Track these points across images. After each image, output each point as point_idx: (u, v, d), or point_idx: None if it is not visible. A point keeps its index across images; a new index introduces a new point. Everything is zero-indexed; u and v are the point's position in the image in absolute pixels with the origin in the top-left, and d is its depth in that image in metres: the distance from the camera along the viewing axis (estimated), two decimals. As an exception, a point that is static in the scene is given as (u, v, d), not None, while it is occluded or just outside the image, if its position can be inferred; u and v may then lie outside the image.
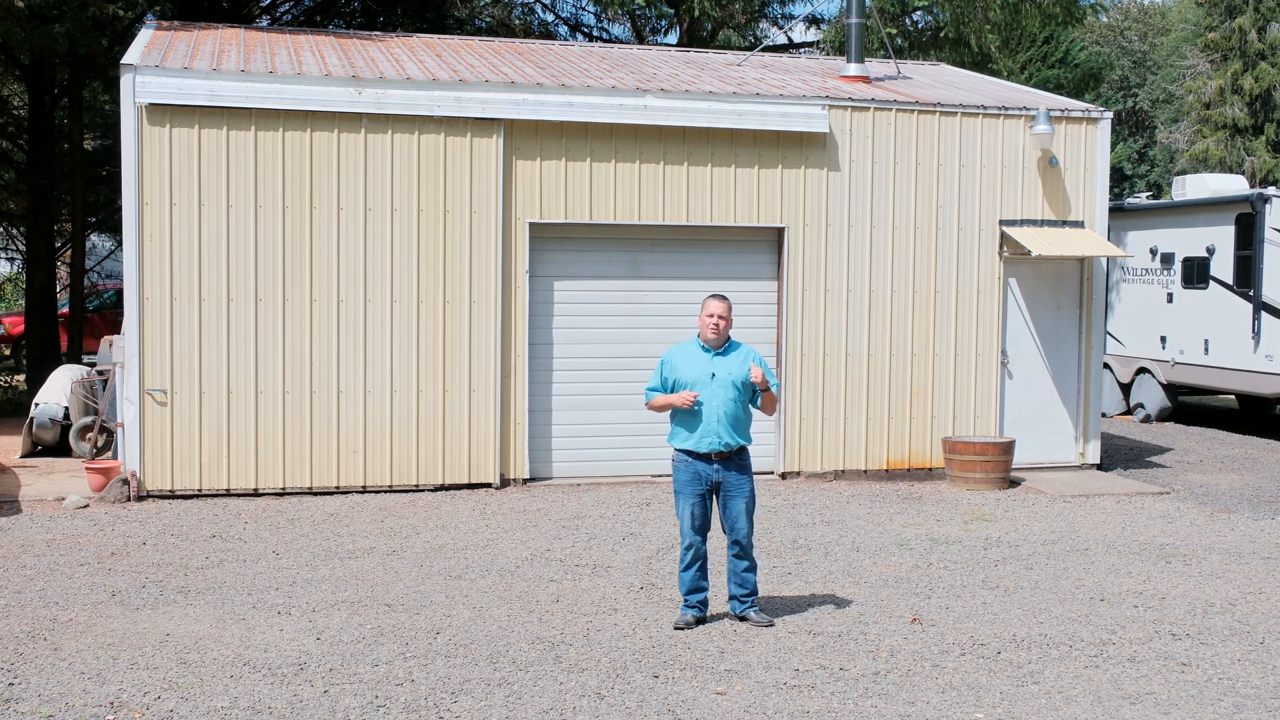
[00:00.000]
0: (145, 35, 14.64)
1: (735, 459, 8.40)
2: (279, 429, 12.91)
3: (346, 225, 13.07)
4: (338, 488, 13.07)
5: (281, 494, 12.92)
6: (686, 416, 8.33)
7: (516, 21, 29.26)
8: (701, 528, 8.37)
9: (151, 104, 12.53)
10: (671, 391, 8.39)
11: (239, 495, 12.82)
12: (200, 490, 12.76)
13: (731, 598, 8.54)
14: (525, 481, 13.65)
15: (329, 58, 14.28)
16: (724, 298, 8.54)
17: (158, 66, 12.69)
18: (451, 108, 13.21)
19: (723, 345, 8.45)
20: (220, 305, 12.77)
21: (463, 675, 7.31)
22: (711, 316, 8.39)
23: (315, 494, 12.98)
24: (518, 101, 13.38)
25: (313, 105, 12.88)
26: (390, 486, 13.20)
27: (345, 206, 13.05)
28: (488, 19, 28.44)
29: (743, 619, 8.46)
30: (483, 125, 13.37)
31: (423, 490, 13.27)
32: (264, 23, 25.05)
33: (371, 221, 13.13)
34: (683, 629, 8.29)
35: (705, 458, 8.33)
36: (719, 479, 8.36)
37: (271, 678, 7.21)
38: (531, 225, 13.58)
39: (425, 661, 7.56)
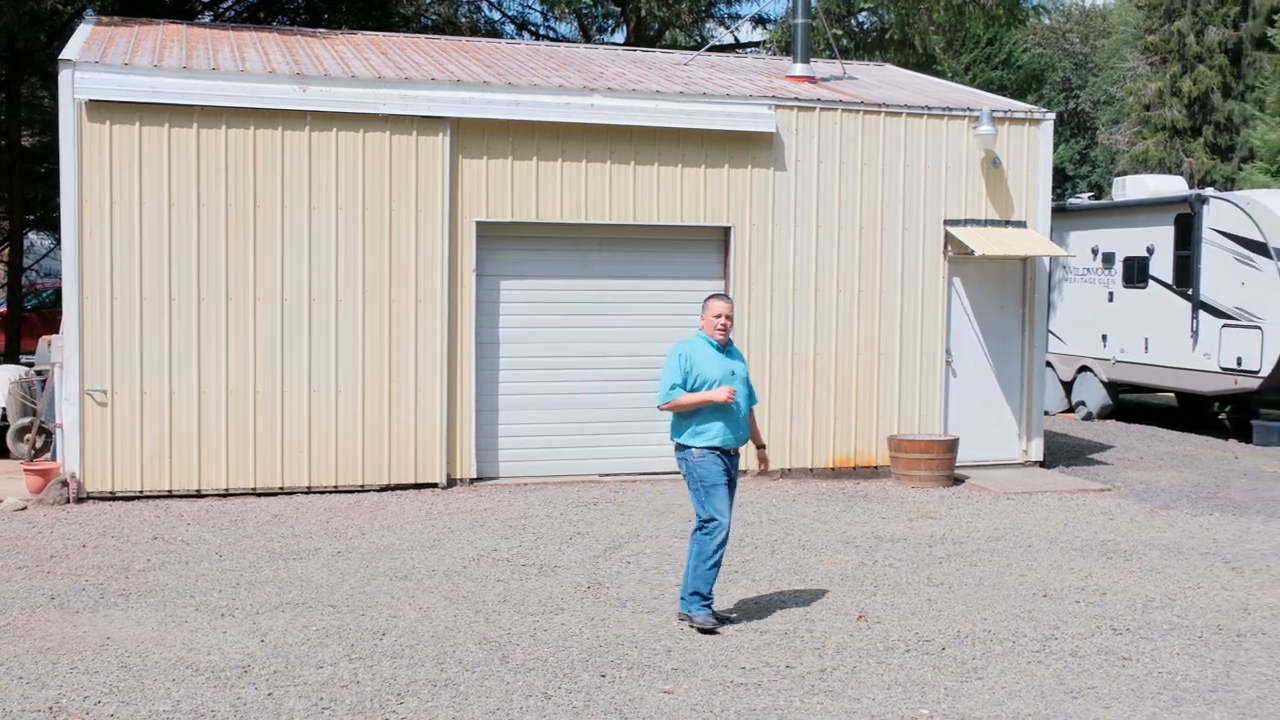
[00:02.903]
0: (85, 30, 14.44)
1: (738, 453, 8.54)
2: (222, 429, 12.78)
3: (291, 224, 12.96)
4: (282, 488, 12.96)
5: (225, 495, 12.80)
6: (714, 414, 8.28)
7: (463, 19, 29.16)
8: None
9: (91, 100, 12.36)
10: (694, 389, 8.29)
11: (181, 496, 12.69)
12: (142, 492, 12.61)
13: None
14: (472, 481, 13.60)
15: (273, 55, 14.16)
16: (728, 298, 8.67)
17: (98, 62, 12.53)
18: (397, 106, 13.14)
19: (727, 344, 8.51)
20: (162, 304, 12.62)
21: (409, 676, 7.27)
22: (719, 317, 8.42)
23: (259, 495, 12.86)
24: (464, 100, 13.33)
25: (256, 103, 12.76)
26: (335, 487, 13.11)
27: (289, 205, 12.94)
28: (434, 17, 28.32)
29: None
30: (429, 124, 13.30)
31: (368, 490, 13.19)
32: (207, 19, 24.80)
33: (316, 220, 13.03)
34: (715, 630, 8.23)
35: (727, 453, 8.38)
36: (732, 473, 8.44)
37: (214, 681, 7.14)
38: (478, 224, 13.53)
39: (371, 663, 7.51)
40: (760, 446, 8.77)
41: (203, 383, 12.72)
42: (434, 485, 13.40)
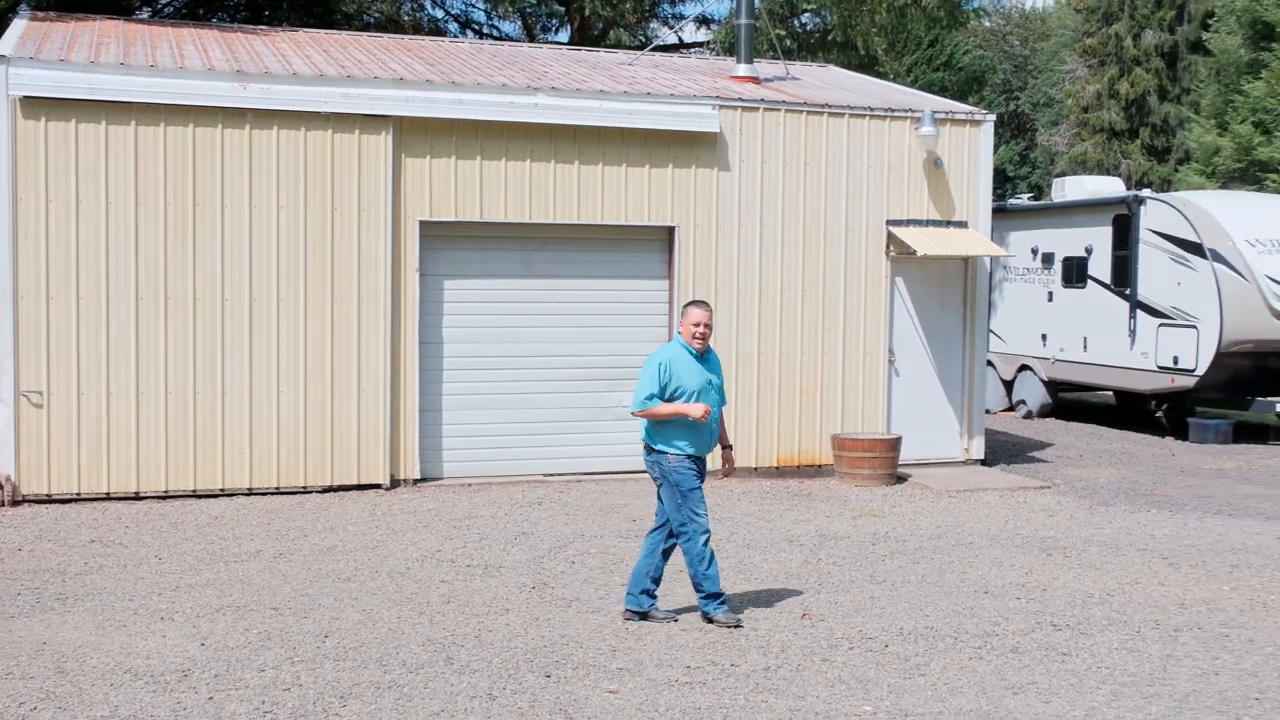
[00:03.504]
0: (19, 25, 14.22)
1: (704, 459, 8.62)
2: (161, 430, 12.63)
3: (231, 222, 12.82)
4: (223, 490, 12.83)
5: (164, 497, 12.65)
6: (690, 423, 8.34)
7: (406, 18, 29.01)
8: None
9: (26, 97, 12.17)
10: (671, 398, 8.32)
11: (120, 499, 12.52)
12: (79, 494, 12.43)
13: (644, 594, 8.62)
14: (416, 482, 13.52)
15: (212, 51, 14.01)
16: (706, 305, 8.60)
17: (32, 58, 12.34)
18: (339, 104, 13.04)
19: (705, 351, 8.54)
20: (99, 304, 12.45)
21: (352, 679, 7.22)
22: (697, 325, 8.42)
23: (199, 496, 12.73)
24: (407, 99, 13.25)
25: (195, 100, 12.62)
26: (277, 488, 12.99)
27: (230, 203, 12.81)
28: (376, 15, 28.15)
29: (646, 616, 8.62)
30: (371, 122, 13.22)
31: (311, 491, 13.08)
32: (144, 15, 24.49)
33: (257, 219, 12.91)
34: (739, 624, 8.36)
35: (700, 459, 8.49)
36: (702, 473, 8.54)
37: (154, 685, 7.05)
38: (422, 224, 13.45)
39: (313, 665, 7.44)
40: (726, 447, 8.79)
41: (141, 383, 12.57)
42: (378, 486, 13.32)
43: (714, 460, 8.97)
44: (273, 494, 12.94)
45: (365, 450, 13.26)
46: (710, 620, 8.41)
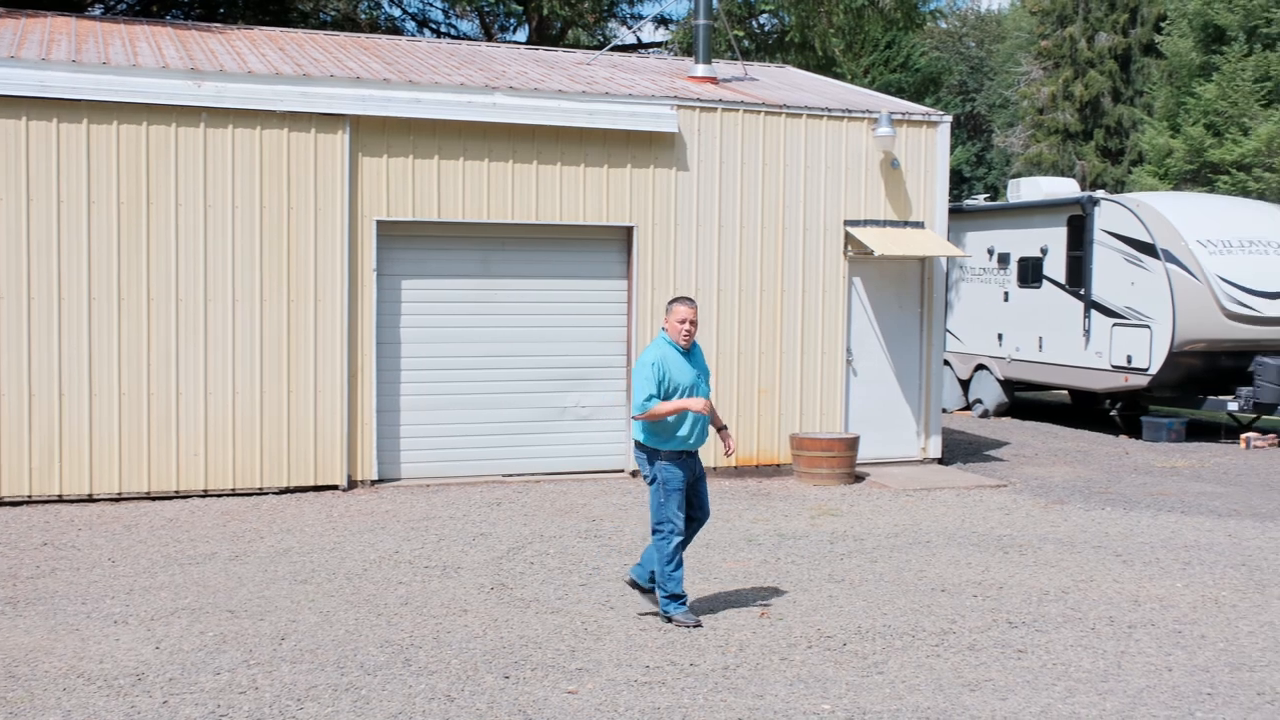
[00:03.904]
0: (-30, 23, 14.04)
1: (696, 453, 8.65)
2: (115, 432, 12.50)
3: (185, 222, 12.71)
4: (178, 492, 12.71)
5: (118, 499, 12.52)
6: (683, 419, 8.39)
7: (363, 16, 28.87)
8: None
9: (-24, 94, 12.02)
10: (667, 396, 8.34)
11: (72, 501, 12.39)
12: (30, 496, 12.29)
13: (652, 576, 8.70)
14: (373, 483, 13.46)
15: (166, 49, 13.89)
16: (692, 301, 8.62)
17: (-17, 56, 12.19)
18: (295, 102, 12.95)
19: (691, 347, 8.58)
20: (51, 304, 12.31)
21: (309, 681, 7.17)
22: (684, 322, 8.44)
23: (154, 499, 12.61)
24: (364, 98, 13.18)
25: (149, 98, 12.50)
26: (233, 490, 12.89)
27: (184, 203, 12.70)
28: (333, 13, 27.98)
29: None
30: (328, 121, 13.14)
31: (267, 493, 12.99)
32: (97, 12, 24.23)
33: (212, 218, 12.80)
34: (699, 624, 8.37)
35: (693, 454, 8.53)
36: (697, 470, 8.57)
37: (107, 689, 6.98)
38: (379, 223, 13.39)
39: (270, 668, 7.39)
40: (722, 428, 8.81)
41: (94, 384, 12.44)
42: (335, 487, 13.24)
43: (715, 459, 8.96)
44: (228, 495, 12.84)
45: (322, 451, 13.18)
46: (670, 620, 8.43)
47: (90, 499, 12.46)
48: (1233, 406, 18.22)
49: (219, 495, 12.83)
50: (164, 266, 12.64)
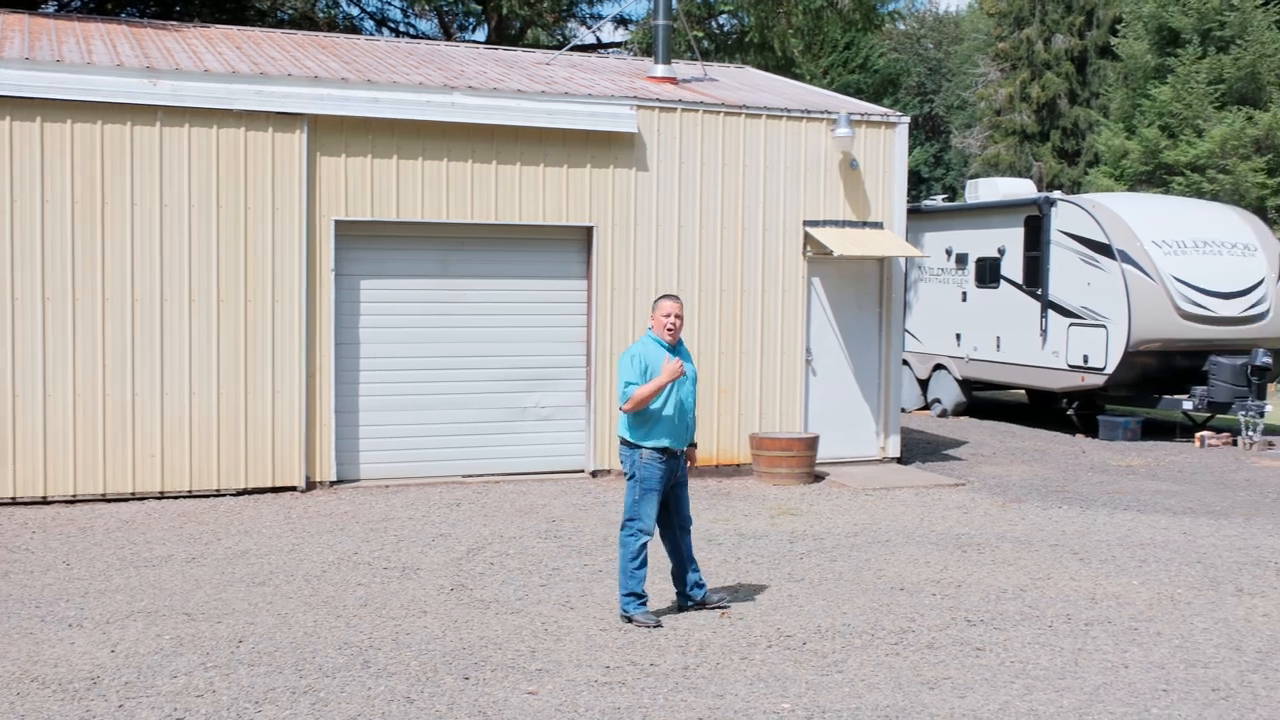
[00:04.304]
0: (-80, 20, 13.86)
1: (682, 453, 8.64)
2: (69, 433, 12.37)
3: (141, 222, 12.59)
4: (134, 494, 12.59)
5: (72, 501, 12.39)
6: (661, 414, 8.41)
7: (321, 15, 28.70)
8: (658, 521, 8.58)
9: (-73, 92, 11.87)
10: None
11: (26, 504, 12.24)
12: (-16, 499, 12.15)
13: (694, 585, 8.78)
14: (332, 484, 13.38)
15: (121, 47, 13.76)
16: (677, 298, 8.69)
17: (-66, 53, 12.03)
18: (252, 101, 12.85)
19: (676, 344, 8.61)
20: (4, 305, 12.16)
21: (267, 684, 7.12)
22: (668, 317, 8.51)
23: (110, 500, 12.49)
24: (321, 97, 13.10)
25: (104, 96, 12.38)
26: (190, 491, 12.78)
27: (140, 202, 12.58)
28: (290, 11, 27.80)
29: (705, 604, 8.79)
30: (285, 120, 13.05)
31: (224, 495, 12.89)
32: (51, 9, 23.98)
33: (168, 218, 12.69)
34: (659, 624, 8.38)
35: (674, 454, 8.52)
36: (678, 474, 8.59)
37: (62, 694, 6.90)
38: (337, 223, 13.31)
39: (227, 671, 7.33)
40: (690, 445, 8.85)
41: (49, 385, 12.30)
42: (293, 488, 13.16)
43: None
44: (185, 497, 12.74)
45: (280, 452, 13.10)
46: (629, 620, 8.42)
47: (44, 501, 12.32)
48: (1187, 405, 18.40)
49: (175, 497, 12.72)
50: (119, 266, 12.52)
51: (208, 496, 12.82)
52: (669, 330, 8.50)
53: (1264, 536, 11.74)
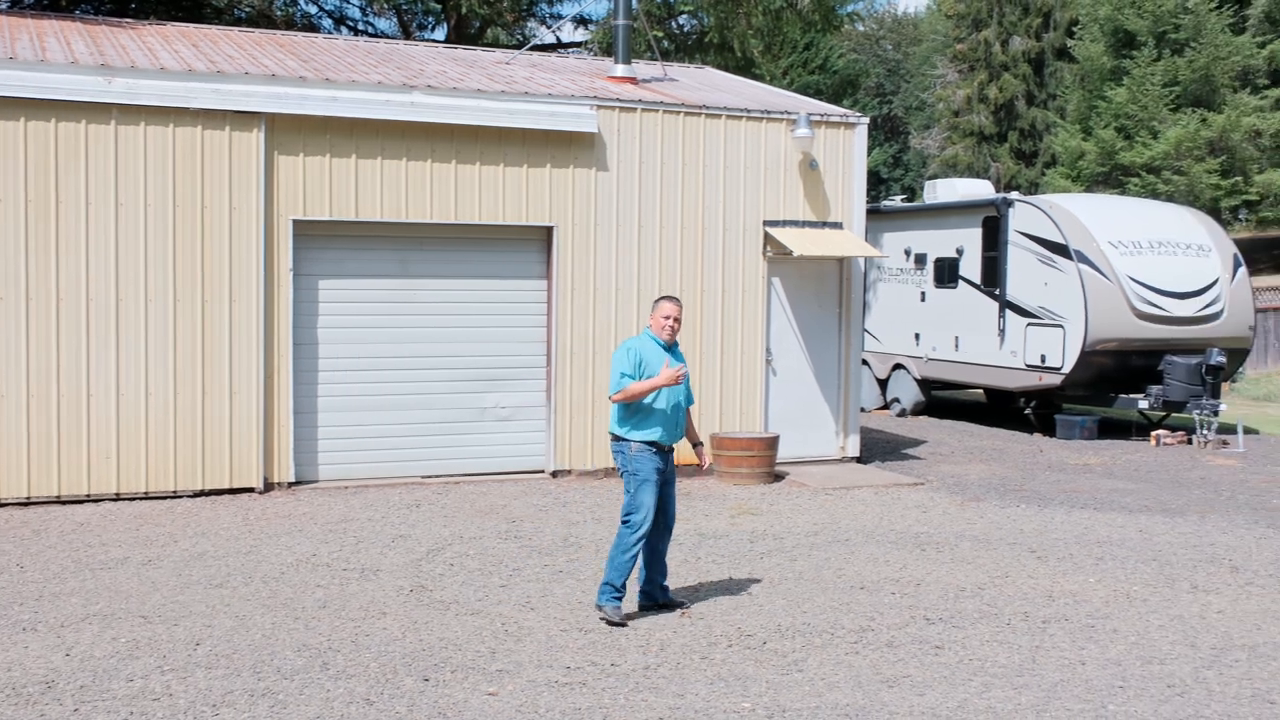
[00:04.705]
0: None
1: (673, 449, 8.77)
2: (23, 435, 12.23)
3: (96, 221, 12.47)
4: (89, 496, 12.47)
5: (26, 504, 12.25)
6: (653, 408, 8.52)
7: (278, 13, 28.51)
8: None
9: (-123, 89, 11.71)
10: (642, 380, 8.51)
11: (-21, 506, 12.11)
12: (-64, 502, 12.00)
13: (660, 586, 8.83)
14: (291, 485, 13.29)
15: (76, 45, 13.62)
16: (677, 299, 8.83)
17: (-116, 49, 11.86)
18: (209, 100, 12.75)
19: (673, 345, 8.74)
20: (-43, 305, 12.02)
21: (224, 687, 7.06)
22: (668, 319, 8.65)
23: (64, 503, 12.35)
24: (279, 95, 13.01)
25: (58, 94, 12.24)
26: (146, 493, 12.67)
27: (94, 201, 12.45)
28: (247, 9, 27.61)
29: (667, 604, 8.83)
30: (242, 119, 12.95)
31: (181, 496, 12.78)
32: (3, 6, 23.72)
33: (123, 217, 12.57)
34: (623, 624, 8.40)
35: (664, 450, 8.62)
36: (668, 471, 8.66)
37: (15, 698, 6.82)
38: (295, 223, 13.22)
39: (184, 674, 7.27)
40: (696, 445, 8.99)
41: (2, 387, 12.15)
42: (251, 490, 13.06)
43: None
44: (141, 499, 12.62)
45: (238, 453, 13.00)
46: (599, 609, 8.47)
47: (-3, 504, 12.18)
48: (1143, 405, 18.57)
49: (132, 499, 12.60)
50: (74, 266, 12.39)
51: (164, 498, 12.70)
52: (667, 331, 8.65)
53: (1218, 534, 11.87)
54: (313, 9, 30.56)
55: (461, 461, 14.07)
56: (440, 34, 30.32)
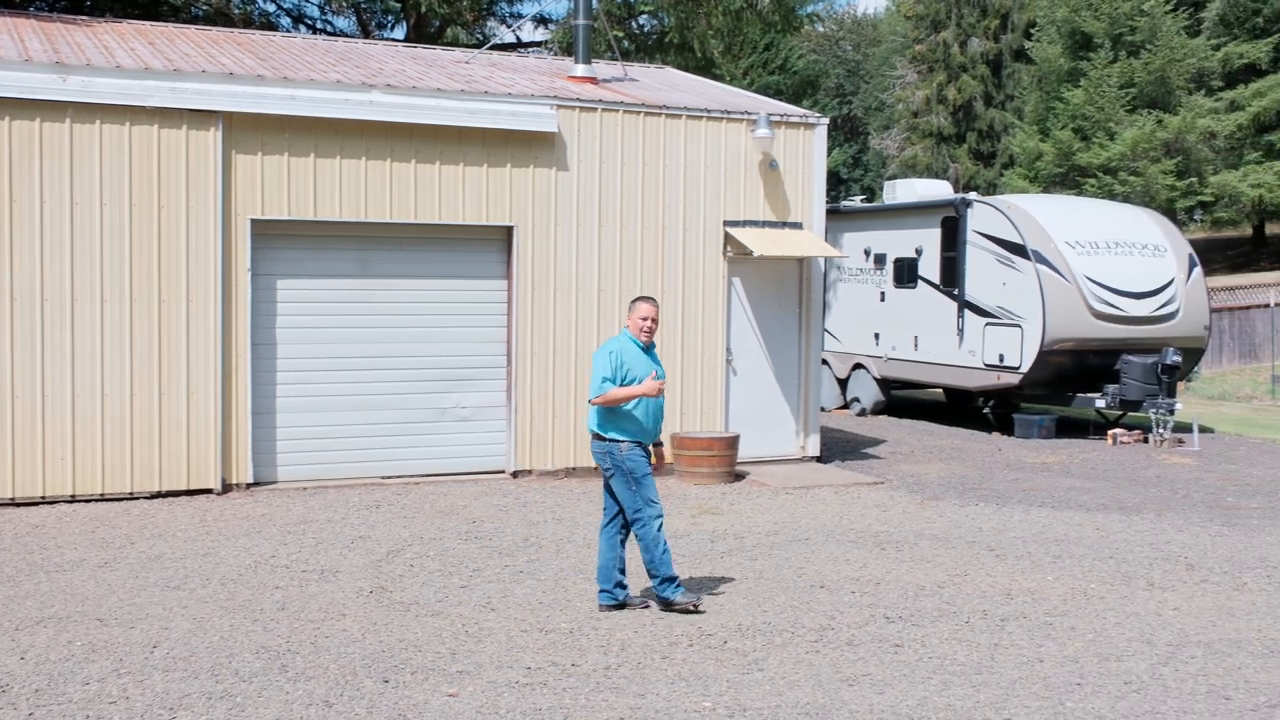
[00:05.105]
0: None
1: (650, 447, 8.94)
2: (-23, 437, 12.09)
3: (51, 220, 12.33)
4: (44, 498, 12.33)
5: (-20, 506, 12.12)
6: (637, 409, 8.68)
7: (236, 11, 28.30)
8: None
9: None
10: (624, 384, 8.63)
11: (-68, 509, 11.95)
12: (-113, 504, 11.84)
13: (619, 585, 8.89)
14: (249, 486, 13.20)
15: (30, 42, 13.46)
16: (653, 300, 8.95)
17: None
18: (165, 98, 12.64)
19: (650, 345, 8.89)
20: (-92, 305, 11.87)
21: (182, 690, 7.00)
22: (645, 319, 8.82)
23: (18, 505, 12.21)
24: (236, 94, 12.91)
25: (12, 92, 12.09)
26: (102, 495, 12.55)
27: (49, 200, 12.31)
28: (205, 7, 27.39)
29: (626, 604, 8.89)
30: (200, 117, 12.85)
31: (138, 498, 12.66)
32: (-43, 3, 23.41)
33: (79, 216, 12.44)
34: (699, 608, 8.69)
35: (646, 448, 8.79)
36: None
37: (-32, 703, 6.74)
38: (253, 222, 13.13)
39: (141, 677, 7.20)
40: (656, 444, 9.11)
41: (-45, 388, 12.02)
42: (209, 491, 12.96)
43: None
44: (97, 501, 12.50)
45: (195, 454, 12.89)
46: (670, 606, 8.69)
47: (-50, 506, 12.04)
48: (1100, 404, 18.73)
49: (87, 500, 12.47)
50: (28, 266, 12.25)
51: (121, 500, 12.59)
52: (645, 332, 8.79)
53: (1174, 532, 11.99)
54: (271, 7, 30.38)
55: (422, 462, 14.02)
56: (399, 33, 30.19)
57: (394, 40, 27.48)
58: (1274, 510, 13.28)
